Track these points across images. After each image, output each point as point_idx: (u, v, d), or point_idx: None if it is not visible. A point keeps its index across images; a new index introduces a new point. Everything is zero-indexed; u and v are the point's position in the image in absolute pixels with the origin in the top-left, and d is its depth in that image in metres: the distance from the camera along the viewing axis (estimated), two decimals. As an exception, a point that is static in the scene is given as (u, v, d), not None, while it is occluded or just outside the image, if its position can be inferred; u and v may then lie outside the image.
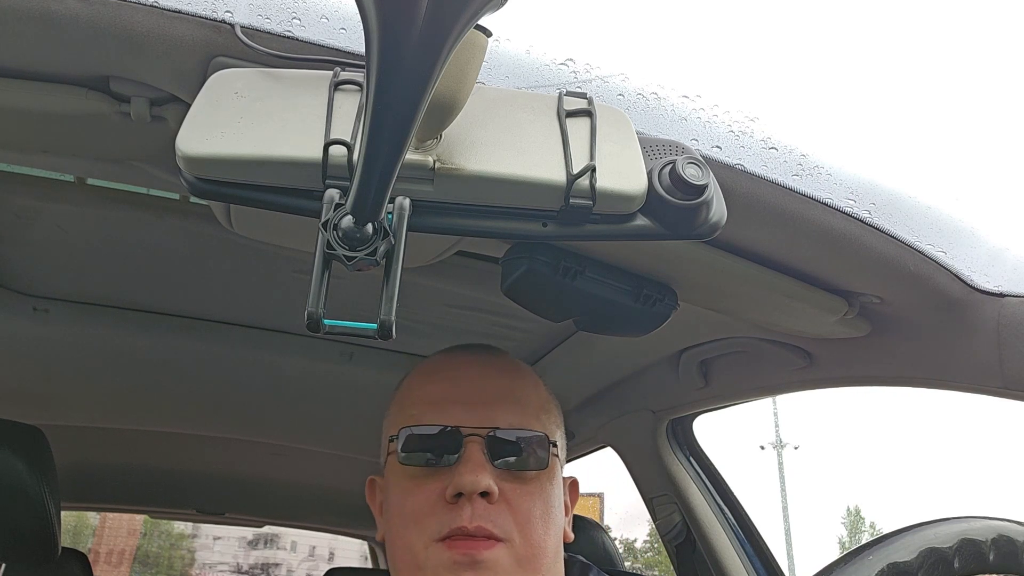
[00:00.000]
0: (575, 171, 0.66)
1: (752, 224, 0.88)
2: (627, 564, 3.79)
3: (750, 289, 0.99)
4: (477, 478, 0.85)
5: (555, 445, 0.93)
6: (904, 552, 0.69)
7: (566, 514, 0.98)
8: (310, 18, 0.69)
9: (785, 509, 25.60)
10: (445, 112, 0.61)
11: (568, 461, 1.15)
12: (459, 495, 0.85)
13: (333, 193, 0.60)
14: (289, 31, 0.68)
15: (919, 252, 0.92)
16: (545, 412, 0.96)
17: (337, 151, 0.62)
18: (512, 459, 0.89)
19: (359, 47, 0.69)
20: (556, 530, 0.92)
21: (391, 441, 0.93)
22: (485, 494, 0.85)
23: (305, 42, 0.69)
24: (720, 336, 1.32)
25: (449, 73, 0.53)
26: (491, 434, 0.88)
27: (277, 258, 1.19)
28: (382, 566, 3.49)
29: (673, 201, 0.69)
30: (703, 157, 0.74)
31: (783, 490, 26.23)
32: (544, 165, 0.67)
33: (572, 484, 1.03)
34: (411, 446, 0.90)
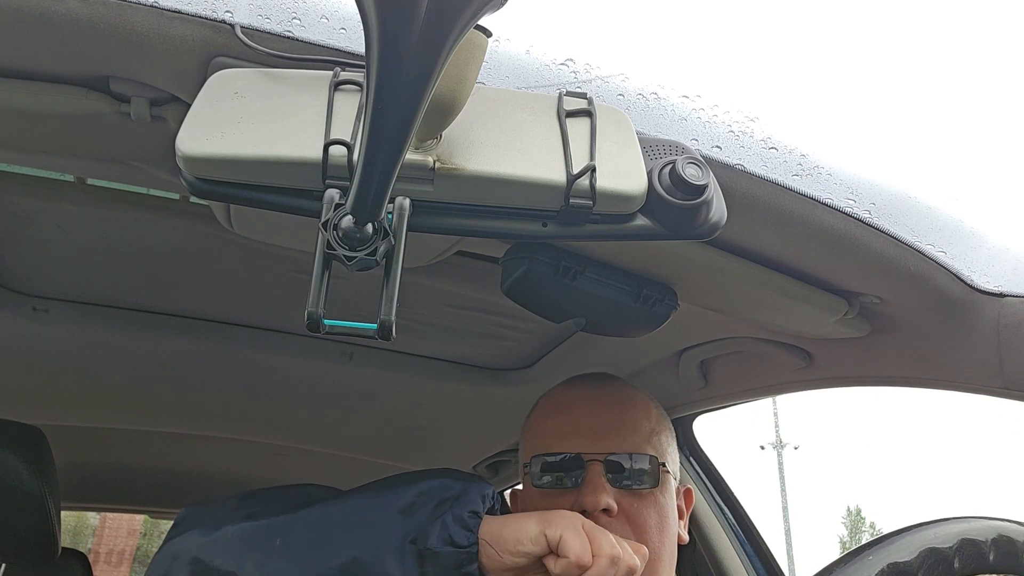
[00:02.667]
0: (575, 171, 0.66)
1: (752, 224, 0.87)
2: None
3: (750, 289, 0.99)
4: (598, 498, 0.97)
5: (664, 464, 1.06)
6: (904, 552, 0.69)
7: (680, 518, 1.11)
8: (310, 18, 0.69)
9: (785, 509, 25.59)
10: (445, 112, 0.61)
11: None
12: (584, 512, 0.97)
13: (333, 193, 0.60)
14: (289, 31, 0.68)
15: (919, 252, 0.92)
16: (656, 435, 1.08)
17: (337, 151, 0.62)
18: (627, 479, 1.01)
19: (359, 47, 0.69)
20: (670, 536, 1.04)
21: (526, 467, 1.07)
22: (606, 510, 0.97)
23: (305, 42, 0.69)
24: (720, 336, 1.32)
25: (449, 73, 0.53)
26: (608, 458, 1.01)
27: (277, 258, 1.19)
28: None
29: (673, 201, 0.69)
30: (703, 157, 0.74)
31: (783, 490, 26.23)
32: (544, 165, 0.67)
33: (686, 492, 1.15)
34: (541, 471, 1.04)
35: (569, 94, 0.74)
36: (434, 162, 0.64)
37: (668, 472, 1.06)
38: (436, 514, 0.81)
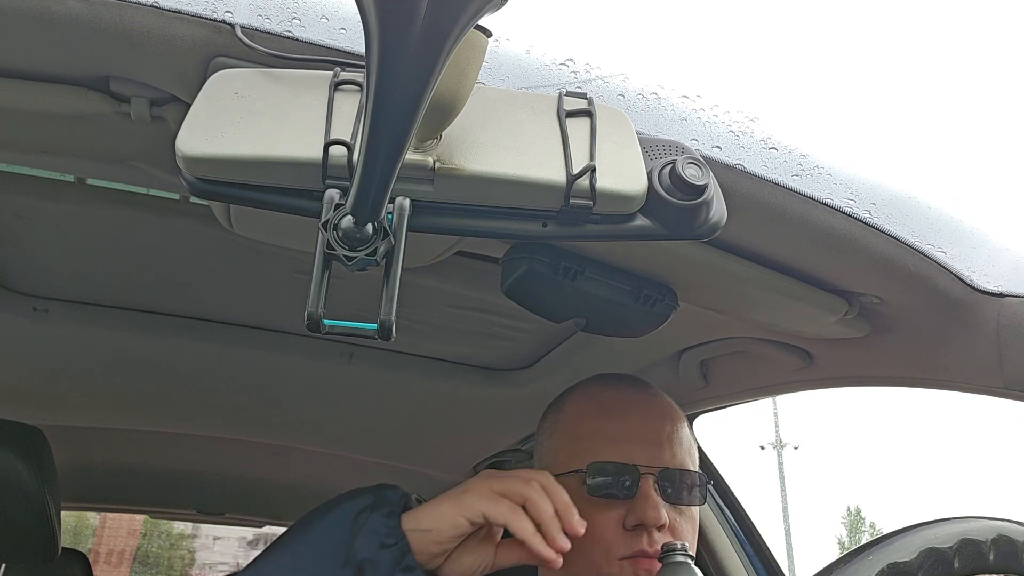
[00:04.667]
0: (575, 171, 0.66)
1: (752, 224, 0.87)
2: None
3: (750, 289, 0.99)
4: (659, 514, 0.97)
5: (712, 483, 1.06)
6: (904, 552, 0.69)
7: None
8: (310, 18, 0.69)
9: (785, 509, 25.58)
10: (445, 112, 0.61)
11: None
12: (638, 525, 0.97)
13: (333, 193, 0.60)
14: (289, 31, 0.68)
15: (919, 252, 0.92)
16: (693, 447, 1.09)
17: (337, 151, 0.62)
18: (677, 495, 1.01)
19: (359, 47, 0.69)
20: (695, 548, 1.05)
21: (578, 472, 1.02)
22: (661, 526, 0.98)
23: (305, 42, 0.69)
24: (720, 336, 1.32)
25: (449, 73, 0.53)
26: (661, 472, 1.01)
27: (277, 258, 1.19)
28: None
29: (673, 201, 0.69)
30: (703, 157, 0.74)
31: (783, 490, 26.22)
32: (544, 165, 0.67)
33: None
34: (597, 478, 1.01)
35: (569, 94, 0.74)
36: (434, 162, 0.64)
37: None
38: (356, 527, 0.83)
